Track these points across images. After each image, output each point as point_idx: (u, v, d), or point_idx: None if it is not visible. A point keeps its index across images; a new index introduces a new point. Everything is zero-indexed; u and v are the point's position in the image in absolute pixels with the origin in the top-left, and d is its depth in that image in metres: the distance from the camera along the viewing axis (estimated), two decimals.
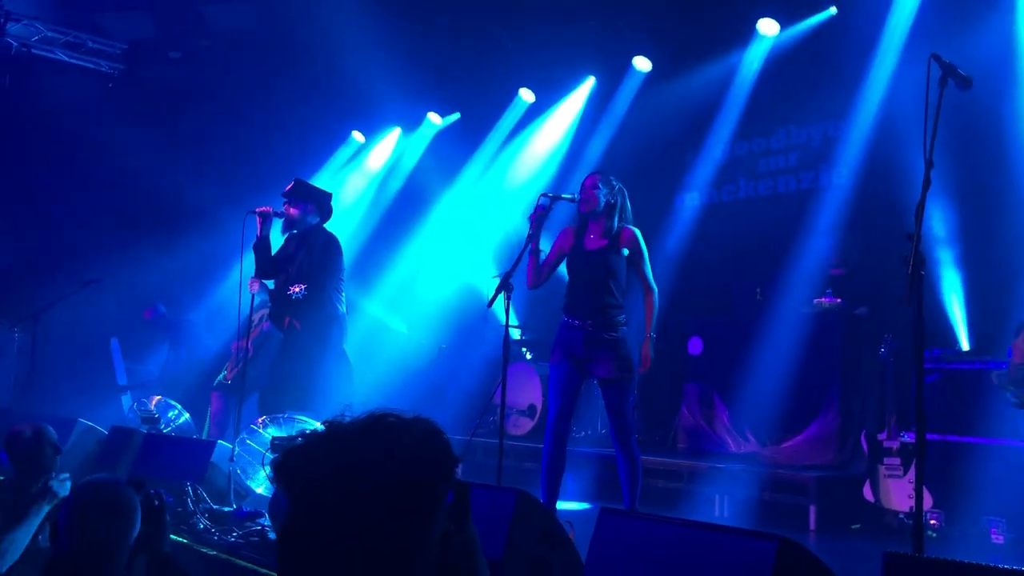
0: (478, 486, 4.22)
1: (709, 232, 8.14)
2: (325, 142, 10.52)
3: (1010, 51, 6.01)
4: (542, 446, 4.78)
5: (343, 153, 10.67)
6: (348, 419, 1.39)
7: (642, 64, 8.31)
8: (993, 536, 5.00)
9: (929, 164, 2.94)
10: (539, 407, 7.65)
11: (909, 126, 5.99)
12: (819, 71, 7.36)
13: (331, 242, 5.91)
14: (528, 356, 8.71)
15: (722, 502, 5.86)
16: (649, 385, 7.78)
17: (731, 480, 5.92)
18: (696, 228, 8.21)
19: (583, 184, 4.72)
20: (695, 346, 7.12)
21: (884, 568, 2.26)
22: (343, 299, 5.94)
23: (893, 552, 2.26)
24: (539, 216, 4.60)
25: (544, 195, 4.69)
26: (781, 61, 7.58)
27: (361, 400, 5.81)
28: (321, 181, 9.37)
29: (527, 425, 7.68)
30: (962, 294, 6.31)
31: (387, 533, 1.27)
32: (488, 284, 7.16)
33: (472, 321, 8.77)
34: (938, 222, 6.35)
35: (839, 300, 6.42)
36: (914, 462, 5.25)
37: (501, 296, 4.60)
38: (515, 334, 8.57)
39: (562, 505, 5.03)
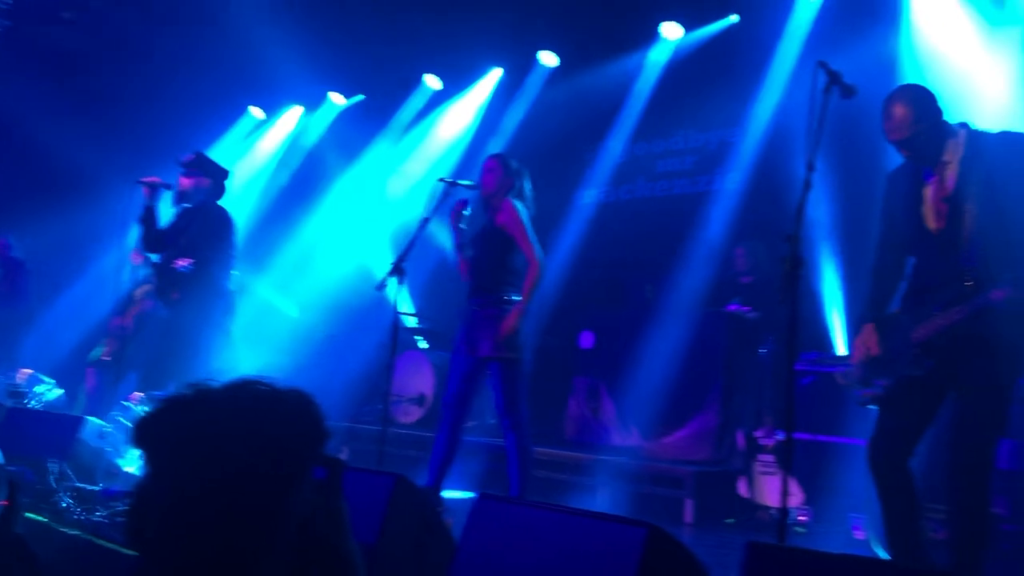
0: (356, 469, 4.16)
1: (606, 229, 8.24)
2: (221, 116, 10.20)
3: (894, 62, 6.28)
4: (430, 434, 4.74)
5: (240, 128, 10.37)
6: (218, 385, 1.33)
7: (548, 59, 8.36)
8: (855, 532, 5.22)
9: (810, 168, 3.02)
10: (429, 396, 7.61)
11: (801, 134, 6.18)
12: (719, 77, 7.53)
13: (224, 218, 5.74)
14: (423, 345, 8.65)
15: (604, 493, 5.95)
16: (539, 377, 7.83)
17: (613, 472, 6.02)
18: (594, 225, 8.31)
19: (482, 167, 4.71)
20: (586, 340, 7.20)
21: (746, 556, 2.32)
22: (232, 277, 5.77)
23: (754, 542, 2.31)
24: (457, 213, 4.57)
25: (442, 180, 4.65)
26: (683, 65, 7.75)
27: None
28: (215, 155, 9.07)
29: (416, 413, 7.63)
30: (841, 299, 6.57)
31: (246, 502, 1.21)
32: (384, 269, 7.07)
33: (366, 307, 8.65)
34: (821, 228, 6.60)
35: (748, 308, 6.55)
36: (791, 457, 5.46)
37: (394, 281, 4.54)
38: (410, 322, 8.51)
39: (448, 494, 5.01)
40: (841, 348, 6.59)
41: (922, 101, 3.34)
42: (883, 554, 4.80)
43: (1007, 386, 3.20)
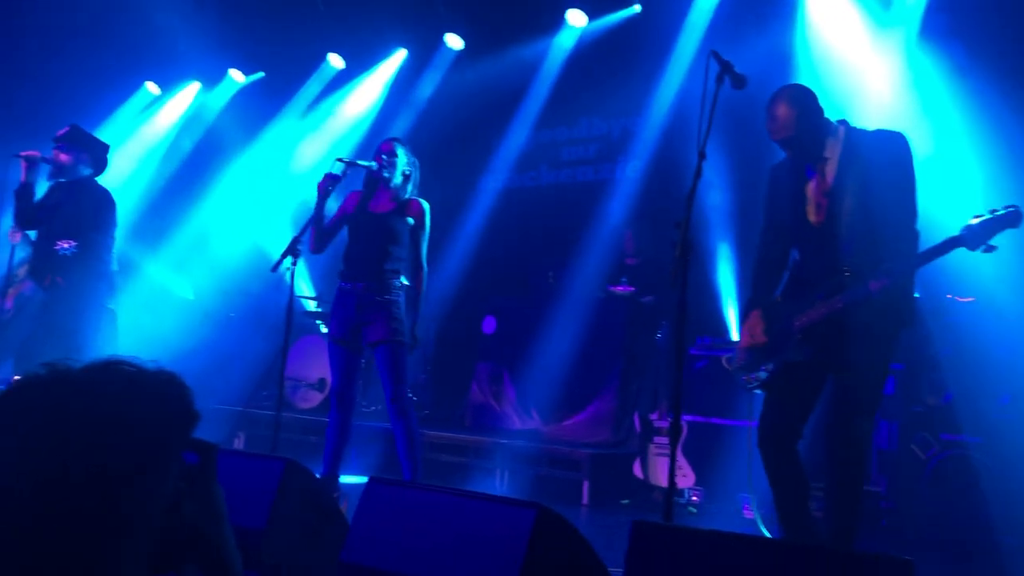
0: (246, 454, 4.08)
1: (509, 215, 8.26)
2: (115, 90, 9.79)
3: (789, 56, 6.48)
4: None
5: (134, 104, 9.98)
6: (76, 365, 1.26)
7: (454, 42, 8.31)
8: (745, 511, 5.40)
9: (701, 156, 3.09)
10: (329, 381, 7.49)
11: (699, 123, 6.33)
12: (622, 66, 7.62)
13: (104, 197, 5.50)
14: (324, 329, 8.52)
15: (502, 476, 5.99)
16: (442, 362, 7.86)
17: (513, 456, 6.07)
18: (497, 210, 8.31)
19: (379, 149, 4.65)
20: (489, 325, 7.22)
21: (631, 535, 2.36)
22: (114, 258, 5.56)
23: (639, 521, 2.36)
24: (326, 184, 4.49)
25: (340, 160, 4.57)
26: (587, 53, 7.81)
27: None
28: (108, 131, 8.72)
29: (316, 399, 7.53)
30: (734, 286, 6.75)
31: (103, 488, 1.15)
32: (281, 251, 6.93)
33: (265, 289, 8.47)
34: (716, 216, 6.77)
35: (632, 289, 6.69)
36: (678, 439, 5.60)
37: (289, 262, 4.46)
38: (310, 306, 8.37)
39: (345, 479, 4.96)
40: (735, 334, 6.79)
41: (803, 101, 3.46)
42: (767, 533, 4.98)
43: (880, 369, 3.40)
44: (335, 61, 9.00)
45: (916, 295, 5.74)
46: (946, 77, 5.80)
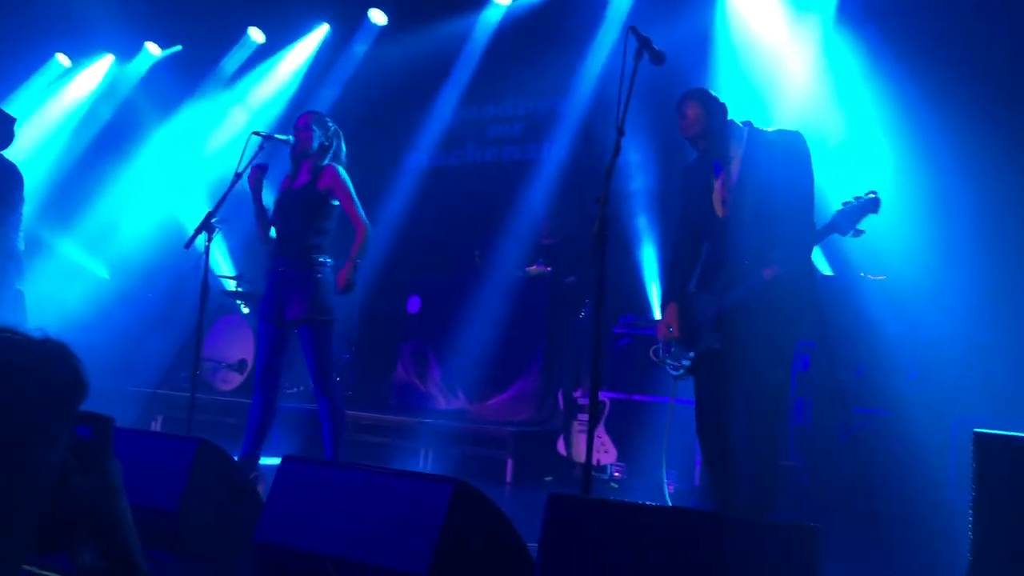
0: (156, 435, 3.98)
1: (435, 194, 8.19)
2: (22, 62, 9.37)
3: (711, 36, 6.58)
4: (250, 401, 4.60)
5: (43, 76, 9.58)
6: None
7: (378, 17, 8.19)
8: (667, 486, 5.49)
9: (620, 132, 3.11)
10: (250, 362, 7.36)
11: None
12: (548, 45, 7.60)
13: (11, 171, 5.28)
14: (245, 310, 8.34)
15: (427, 456, 5.98)
16: (366, 342, 7.78)
17: (437, 435, 6.06)
18: (422, 189, 8.23)
19: (296, 124, 4.54)
20: (413, 305, 7.19)
21: (547, 508, 2.38)
22: (21, 237, 5.34)
23: (555, 493, 2.38)
24: (256, 176, 4.38)
25: (257, 133, 4.46)
26: (514, 31, 7.77)
27: None
28: (16, 104, 8.36)
29: (236, 380, 7.38)
30: (656, 265, 6.84)
31: None
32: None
33: (183, 268, 8.25)
34: (639, 196, 6.84)
35: (549, 268, 6.72)
36: (601, 416, 5.67)
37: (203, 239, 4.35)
38: (230, 285, 8.19)
39: (267, 461, 4.88)
40: (657, 312, 6.87)
41: (709, 102, 3.71)
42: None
43: (787, 349, 3.60)
44: (256, 35, 8.78)
45: (830, 274, 5.94)
46: (861, 62, 5.94)
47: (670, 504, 4.97)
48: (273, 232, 4.57)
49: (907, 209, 5.13)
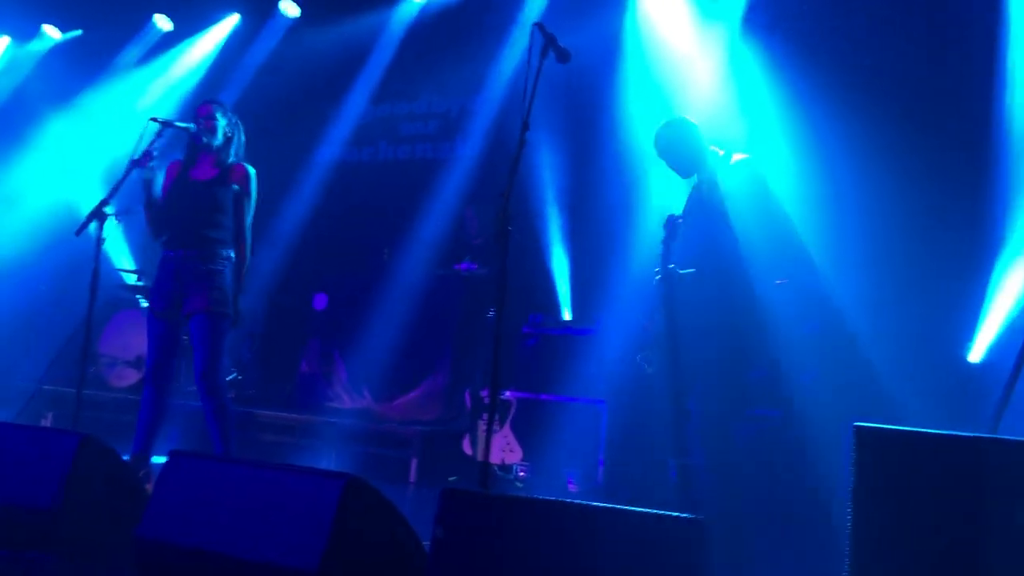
0: (35, 429, 3.81)
1: (345, 190, 8.07)
2: None
3: (620, 41, 6.68)
4: None
5: None
6: None
7: (290, 9, 8.04)
8: (570, 485, 5.53)
9: (525, 128, 3.10)
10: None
11: (537, 105, 6.43)
12: (463, 43, 7.58)
13: None
14: (144, 304, 8.06)
15: (330, 455, 5.88)
16: (270, 340, 7.61)
17: (341, 435, 5.97)
18: (333, 184, 8.09)
19: (197, 112, 4.42)
20: (320, 302, 7.06)
21: (440, 502, 2.37)
22: None
23: (448, 488, 2.36)
24: (140, 165, 4.22)
25: (155, 119, 4.31)
26: (429, 28, 7.73)
27: None
28: None
29: (132, 377, 7.12)
30: (567, 265, 6.88)
31: None
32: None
33: (82, 259, 7.91)
34: (552, 195, 6.88)
35: (475, 267, 6.69)
36: (507, 415, 5.67)
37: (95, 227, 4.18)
38: (130, 279, 7.91)
39: (161, 460, 4.71)
40: (568, 313, 6.92)
41: (686, 133, 4.26)
42: None
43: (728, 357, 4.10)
44: (162, 23, 8.52)
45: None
46: (765, 69, 6.10)
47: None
48: (159, 224, 4.45)
49: (804, 213, 5.28)
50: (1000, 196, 5.30)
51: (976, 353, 5.24)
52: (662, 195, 6.30)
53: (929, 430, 2.28)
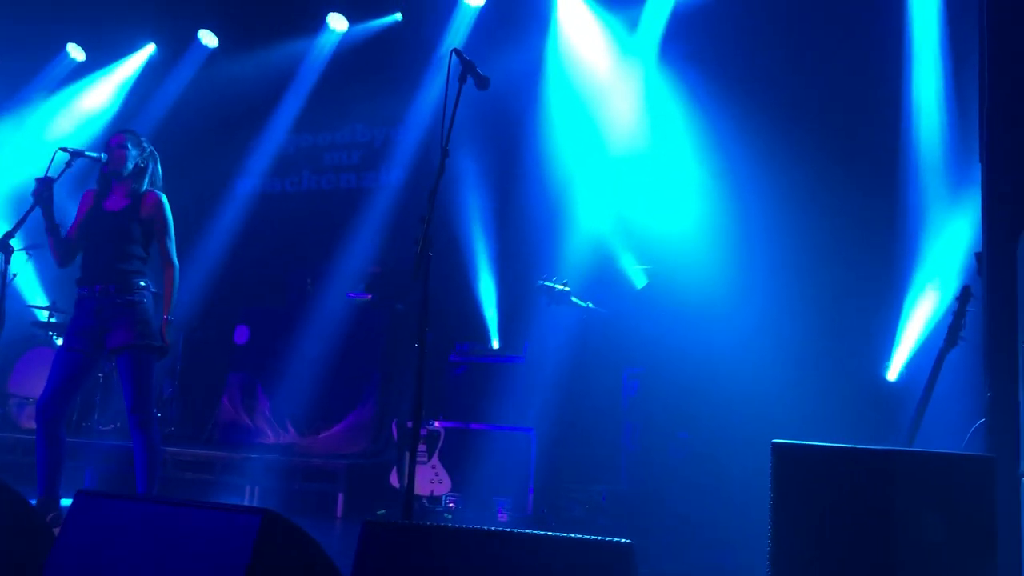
0: None
1: (267, 220, 7.94)
2: None
3: (542, 70, 6.76)
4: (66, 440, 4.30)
5: None
6: None
7: (208, 39, 7.93)
8: (500, 515, 5.48)
9: (444, 154, 3.09)
10: None
11: (459, 130, 6.47)
12: (386, 74, 7.58)
13: None
14: (59, 341, 7.78)
15: (252, 492, 5.73)
16: (189, 375, 7.40)
17: (264, 471, 5.82)
18: (254, 215, 7.95)
19: (108, 143, 4.32)
20: (241, 335, 6.91)
21: (360, 535, 2.31)
22: None
23: (370, 520, 2.31)
24: (41, 192, 4.09)
25: (64, 149, 4.18)
26: (351, 58, 7.71)
27: None
28: None
29: None
30: (495, 293, 6.87)
31: None
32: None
33: None
34: (479, 223, 6.88)
35: (370, 296, 6.63)
36: (436, 447, 5.60)
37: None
38: (42, 315, 7.62)
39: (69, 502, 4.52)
40: (495, 341, 6.89)
41: None
42: None
43: None
44: (75, 52, 8.31)
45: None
46: (680, 100, 6.25)
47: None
48: (66, 252, 4.33)
49: (724, 238, 5.39)
50: (912, 224, 5.51)
51: (893, 372, 5.39)
52: (588, 219, 6.38)
53: (843, 445, 2.32)
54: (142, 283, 4.28)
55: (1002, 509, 2.47)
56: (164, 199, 4.37)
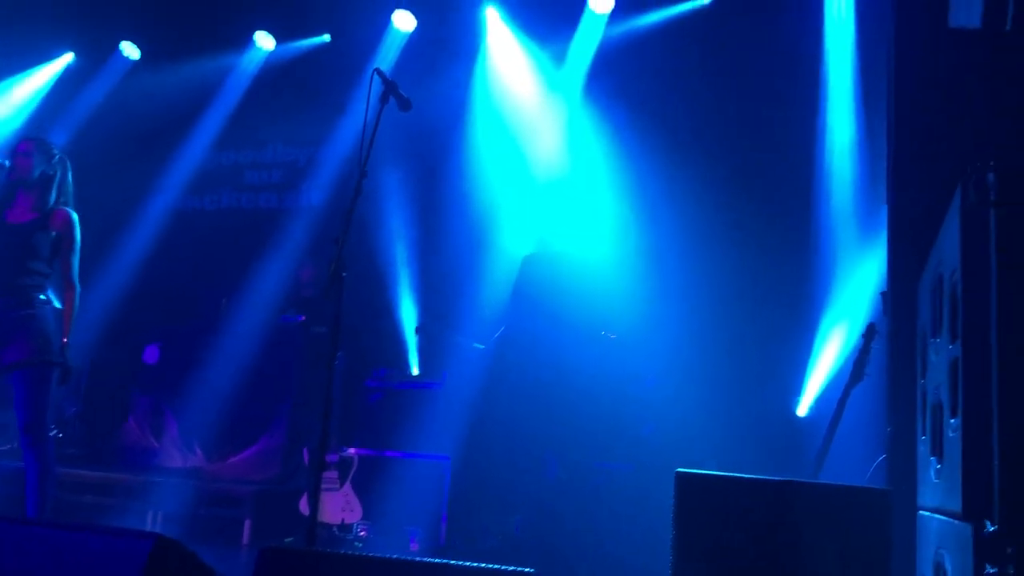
0: None
1: (184, 238, 7.75)
2: None
3: (468, 93, 6.83)
4: None
5: None
6: None
7: (130, 50, 7.75)
8: (412, 544, 5.39)
9: (362, 175, 3.06)
10: None
11: (384, 154, 6.47)
12: (312, 94, 7.51)
13: None
14: None
15: (155, 517, 5.52)
16: (96, 395, 7.14)
17: (169, 495, 5.63)
18: (170, 232, 7.75)
19: (15, 149, 4.16)
20: (151, 355, 6.69)
21: (256, 563, 2.24)
22: None
23: (266, 548, 2.25)
24: None
25: None
26: (277, 77, 7.63)
27: None
28: None
29: None
30: (415, 318, 6.82)
31: None
32: None
33: None
34: (401, 248, 6.84)
35: (302, 318, 6.51)
36: (349, 475, 5.50)
37: None
38: None
39: None
40: (415, 368, 6.83)
41: None
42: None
43: None
44: None
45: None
46: (603, 133, 6.35)
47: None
48: None
49: (635, 270, 5.47)
50: (824, 264, 5.68)
51: (804, 407, 5.52)
52: (511, 245, 6.40)
53: (744, 475, 2.35)
54: (42, 297, 4.11)
55: (898, 541, 2.53)
56: (75, 218, 4.22)
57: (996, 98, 2.85)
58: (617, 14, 6.47)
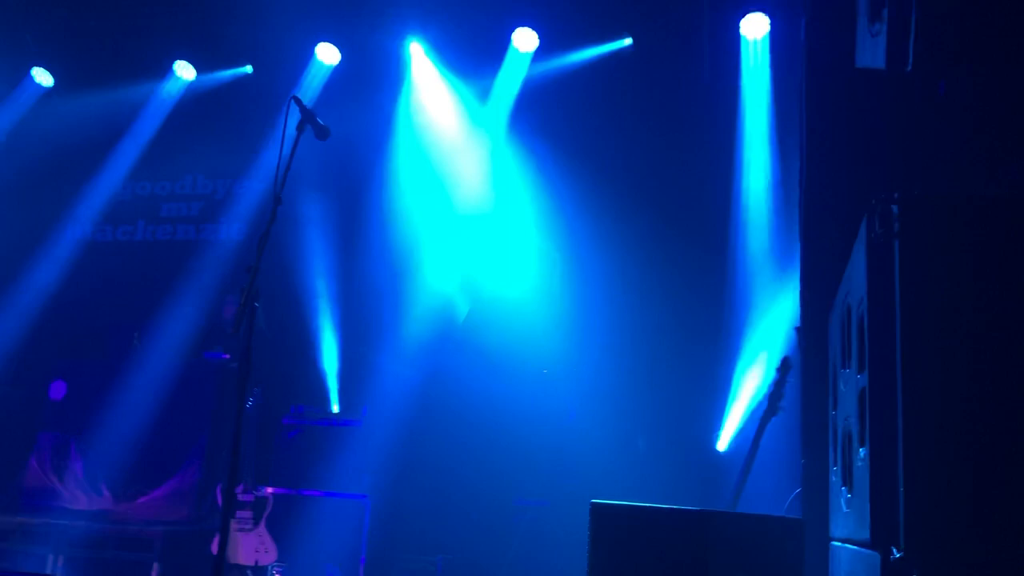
0: None
1: (95, 270, 7.49)
2: None
3: (390, 127, 6.82)
4: None
5: None
6: None
7: (42, 77, 7.52)
8: None
9: (277, 201, 3.00)
10: None
11: (307, 185, 6.40)
12: (232, 125, 7.39)
13: None
14: None
15: (56, 562, 5.25)
16: None
17: (73, 538, 5.36)
18: (80, 264, 7.49)
19: None
20: (57, 390, 6.41)
21: None
22: None
23: None
24: None
25: None
26: (196, 107, 7.49)
27: None
28: None
29: None
30: (336, 354, 6.70)
31: None
32: None
33: None
34: (321, 283, 6.73)
35: (226, 356, 6.34)
36: (263, 515, 5.34)
37: None
38: None
39: None
40: (336, 405, 6.69)
41: None
42: None
43: None
44: None
45: None
46: (526, 168, 6.40)
47: None
48: None
49: (556, 304, 5.49)
50: (741, 301, 5.79)
51: (723, 442, 5.59)
52: (433, 278, 6.37)
53: (658, 505, 2.34)
54: None
55: (812, 572, 2.54)
56: None
57: (900, 135, 2.96)
58: (541, 53, 6.56)
